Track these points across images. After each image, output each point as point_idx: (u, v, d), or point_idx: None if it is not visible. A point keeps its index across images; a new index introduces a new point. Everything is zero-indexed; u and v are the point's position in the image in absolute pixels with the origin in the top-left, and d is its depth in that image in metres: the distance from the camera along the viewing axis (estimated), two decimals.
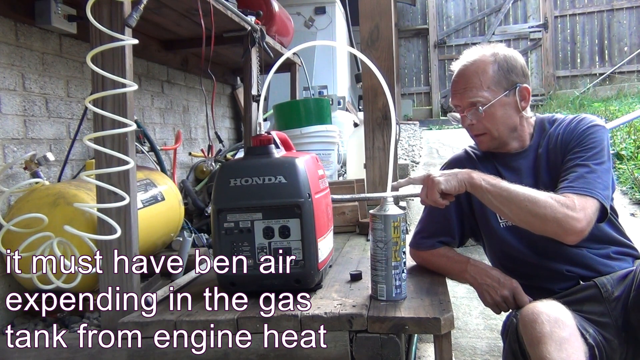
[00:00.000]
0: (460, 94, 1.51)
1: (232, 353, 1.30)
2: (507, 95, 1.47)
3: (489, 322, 2.27)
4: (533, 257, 1.47)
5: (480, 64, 1.49)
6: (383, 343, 1.26)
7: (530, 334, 1.17)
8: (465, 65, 1.52)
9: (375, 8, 2.50)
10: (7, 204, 1.68)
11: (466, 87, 1.49)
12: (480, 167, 1.55)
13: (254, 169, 1.42)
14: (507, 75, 1.48)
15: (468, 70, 1.50)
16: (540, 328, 1.15)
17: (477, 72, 1.48)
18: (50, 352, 1.36)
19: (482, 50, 1.53)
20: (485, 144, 1.54)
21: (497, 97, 1.47)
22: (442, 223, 1.61)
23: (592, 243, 1.43)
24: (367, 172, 2.53)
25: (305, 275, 1.42)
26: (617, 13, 8.52)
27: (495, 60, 1.48)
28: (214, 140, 3.00)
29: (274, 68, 1.48)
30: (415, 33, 9.41)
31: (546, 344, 1.13)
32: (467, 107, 1.50)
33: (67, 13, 1.88)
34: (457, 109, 1.55)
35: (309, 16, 5.10)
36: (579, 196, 1.32)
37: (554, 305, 1.22)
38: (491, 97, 1.46)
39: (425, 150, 6.00)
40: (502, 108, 1.47)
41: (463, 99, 1.50)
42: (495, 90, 1.47)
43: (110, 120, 1.39)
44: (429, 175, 1.37)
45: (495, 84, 1.47)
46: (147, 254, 1.89)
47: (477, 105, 1.47)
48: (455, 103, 1.55)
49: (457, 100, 1.53)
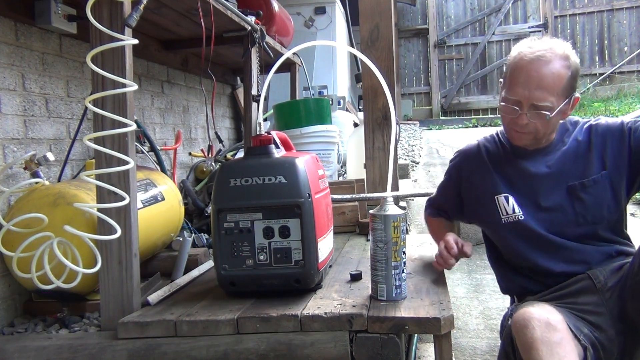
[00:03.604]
0: (529, 90, 1.40)
1: (232, 353, 1.30)
2: (565, 104, 1.43)
3: (489, 322, 2.27)
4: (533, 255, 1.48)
5: (559, 66, 1.40)
6: (383, 343, 1.26)
7: (522, 339, 1.19)
8: (542, 60, 1.40)
9: (375, 8, 2.50)
10: (7, 204, 1.68)
11: (539, 86, 1.39)
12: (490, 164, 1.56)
13: (254, 169, 1.42)
14: (573, 84, 1.44)
15: (546, 68, 1.39)
16: (532, 333, 1.17)
17: (554, 75, 1.40)
18: (50, 352, 1.37)
19: (556, 49, 1.42)
20: (524, 141, 1.49)
21: (560, 106, 1.41)
22: (445, 201, 1.74)
23: (599, 241, 1.45)
24: (367, 172, 2.53)
25: (305, 275, 1.42)
26: (617, 13, 8.52)
27: (569, 66, 1.41)
28: (214, 140, 3.00)
29: (274, 68, 1.49)
30: (415, 33, 9.40)
31: (538, 348, 1.15)
32: (529, 105, 1.41)
33: (67, 13, 1.88)
34: (513, 102, 1.43)
35: (309, 16, 5.10)
36: None
37: (545, 309, 1.23)
38: (556, 105, 1.41)
39: (425, 150, 6.00)
40: (558, 115, 1.43)
41: (531, 96, 1.40)
42: (560, 97, 1.41)
43: (110, 120, 1.39)
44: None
45: (563, 91, 1.41)
46: (147, 254, 1.89)
47: (543, 109, 1.40)
48: (515, 96, 1.42)
49: (522, 94, 1.41)
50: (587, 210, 1.45)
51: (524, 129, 1.45)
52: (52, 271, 1.40)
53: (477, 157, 1.61)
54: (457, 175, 1.67)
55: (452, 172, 1.70)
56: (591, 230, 1.45)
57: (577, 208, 1.45)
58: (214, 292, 1.55)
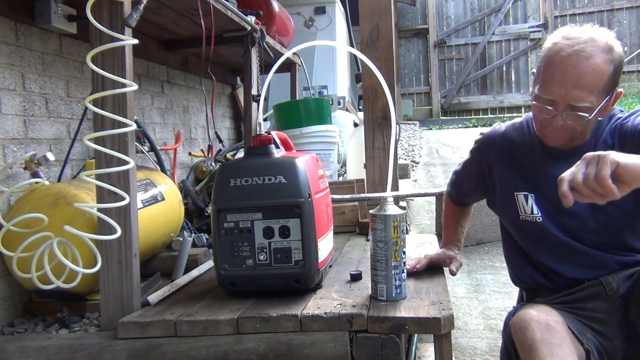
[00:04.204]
0: (565, 90, 1.25)
1: (232, 353, 1.30)
2: (607, 101, 1.28)
3: (489, 322, 2.27)
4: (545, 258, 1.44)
5: (600, 61, 1.24)
6: (383, 343, 1.26)
7: (521, 340, 1.18)
8: (582, 55, 1.24)
9: (375, 8, 2.50)
10: (7, 204, 1.68)
11: (577, 85, 1.24)
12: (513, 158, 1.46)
13: (254, 169, 1.42)
14: (615, 79, 1.28)
15: (586, 65, 1.24)
16: (531, 335, 1.16)
17: (595, 71, 1.24)
18: (50, 352, 1.36)
19: (597, 39, 1.26)
20: (558, 142, 1.35)
21: (600, 105, 1.26)
22: (467, 185, 1.65)
23: (618, 250, 1.38)
24: (367, 172, 2.53)
25: (305, 275, 1.42)
26: (617, 13, 8.52)
27: (612, 61, 1.26)
28: (214, 140, 3.00)
29: (274, 68, 1.49)
30: (415, 33, 9.40)
31: (537, 350, 1.13)
32: (565, 105, 1.26)
33: (67, 13, 1.88)
34: (547, 101, 1.29)
35: (309, 16, 5.10)
36: None
37: (545, 310, 1.21)
38: (596, 104, 1.26)
39: (425, 150, 6.00)
40: (597, 114, 1.29)
41: (568, 96, 1.25)
42: (601, 95, 1.26)
43: (110, 120, 1.39)
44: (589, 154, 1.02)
45: (605, 89, 1.26)
46: (147, 254, 1.89)
47: (582, 110, 1.25)
48: (550, 95, 1.27)
49: (558, 93, 1.26)
50: (609, 221, 1.36)
51: (558, 130, 1.31)
52: (52, 271, 1.40)
53: (501, 146, 1.50)
54: (479, 161, 1.56)
55: (475, 156, 1.58)
56: (611, 239, 1.38)
57: (598, 217, 1.36)
58: (214, 292, 1.55)
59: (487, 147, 1.54)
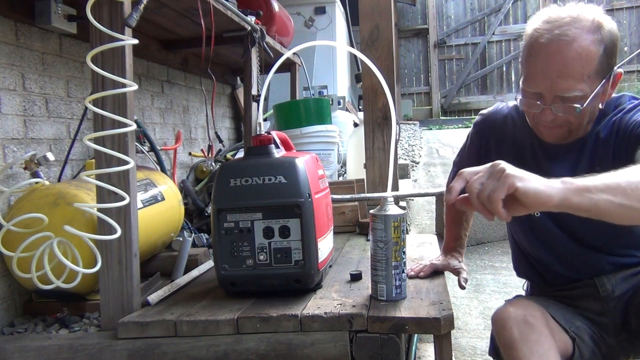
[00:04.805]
0: (550, 81, 1.12)
1: (232, 353, 1.30)
2: (602, 86, 1.14)
3: (489, 322, 2.27)
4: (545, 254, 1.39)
5: (586, 43, 1.10)
6: (383, 343, 1.26)
7: (502, 340, 1.16)
8: (564, 40, 1.11)
9: (375, 8, 2.50)
10: (7, 204, 1.68)
11: (561, 74, 1.11)
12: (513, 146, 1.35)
13: (254, 169, 1.42)
14: (610, 60, 1.14)
15: (570, 50, 1.10)
16: (510, 333, 1.14)
17: (581, 56, 1.10)
18: (50, 352, 1.36)
19: (582, 17, 1.13)
20: (555, 137, 1.23)
21: (595, 90, 1.13)
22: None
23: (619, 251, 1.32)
24: (367, 172, 2.53)
25: (305, 275, 1.42)
26: (617, 13, 8.52)
27: (601, 40, 1.12)
28: (214, 140, 3.00)
29: (274, 68, 1.48)
30: (415, 33, 9.41)
31: (517, 349, 1.12)
32: (553, 97, 1.14)
33: (67, 13, 1.88)
34: (533, 95, 1.17)
35: (309, 16, 5.10)
36: None
37: (522, 306, 1.19)
38: (589, 91, 1.13)
39: (425, 150, 6.01)
40: (593, 101, 1.15)
41: (553, 88, 1.13)
42: (594, 80, 1.13)
43: (110, 120, 1.39)
44: (499, 164, 0.91)
45: (597, 72, 1.12)
46: (147, 254, 1.89)
47: (572, 101, 1.13)
48: (535, 88, 1.16)
49: (542, 87, 1.14)
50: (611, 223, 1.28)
51: (552, 124, 1.19)
52: (52, 271, 1.40)
53: (503, 129, 1.38)
54: (479, 145, 1.45)
55: (474, 140, 1.47)
56: (612, 241, 1.30)
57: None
58: (214, 292, 1.55)
59: (487, 128, 1.42)
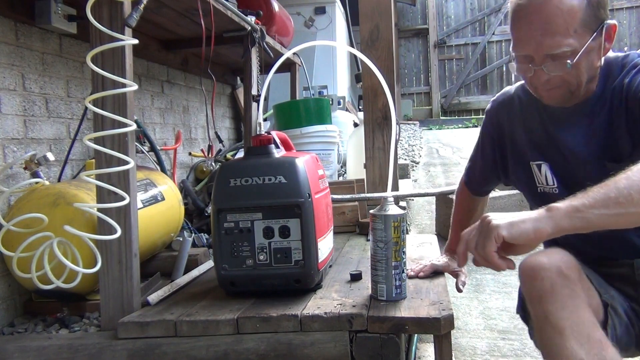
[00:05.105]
0: (535, 41, 1.12)
1: (232, 353, 1.30)
2: (594, 39, 1.12)
3: (489, 322, 2.27)
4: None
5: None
6: (383, 343, 1.26)
7: (529, 291, 1.04)
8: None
9: (375, 8, 2.50)
10: (7, 204, 1.68)
11: (545, 32, 1.11)
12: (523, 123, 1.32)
13: (254, 169, 1.42)
14: (597, 12, 1.12)
15: (547, 7, 1.10)
16: (540, 285, 1.01)
17: (562, 10, 1.10)
18: (50, 352, 1.37)
19: None
20: (556, 99, 1.20)
21: (585, 44, 1.11)
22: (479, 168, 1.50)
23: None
24: (367, 172, 2.53)
25: (305, 275, 1.42)
26: (617, 13, 8.52)
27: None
28: (214, 140, 3.00)
29: (274, 68, 1.49)
30: (415, 33, 9.41)
31: (547, 302, 0.99)
32: (542, 57, 1.13)
33: (67, 13, 1.88)
34: (523, 58, 1.17)
35: (309, 16, 5.10)
36: None
37: (556, 255, 1.05)
38: (578, 45, 1.11)
39: (425, 150, 6.01)
40: (587, 56, 1.13)
41: (540, 48, 1.12)
42: (582, 34, 1.11)
43: (110, 120, 1.39)
44: (486, 217, 0.97)
45: (583, 25, 1.11)
46: (147, 254, 1.89)
47: (562, 57, 1.11)
48: (523, 51, 1.16)
49: (529, 48, 1.14)
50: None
51: (547, 86, 1.17)
52: (52, 271, 1.40)
53: (510, 108, 1.36)
54: (492, 129, 1.42)
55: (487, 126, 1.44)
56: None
57: None
58: (214, 292, 1.55)
59: (498, 109, 1.40)
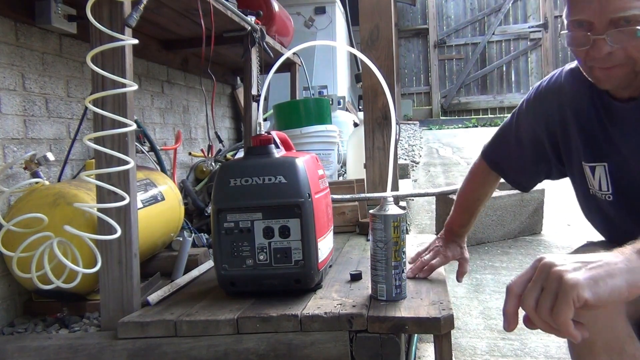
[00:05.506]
0: (598, 1, 0.93)
1: (232, 353, 1.30)
2: None
3: (489, 322, 2.27)
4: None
5: None
6: (383, 343, 1.26)
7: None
8: None
9: (375, 8, 2.50)
10: (7, 204, 1.68)
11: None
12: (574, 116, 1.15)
13: (254, 169, 1.42)
14: None
15: None
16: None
17: None
18: (50, 352, 1.36)
19: None
20: (615, 80, 1.01)
21: None
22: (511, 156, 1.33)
23: None
24: (367, 172, 2.53)
25: (305, 275, 1.42)
26: None
27: None
28: (214, 140, 3.00)
29: (274, 68, 1.48)
30: (415, 33, 9.42)
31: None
32: (606, 23, 0.94)
33: (67, 13, 1.88)
34: (579, 25, 0.98)
35: (309, 16, 5.10)
36: None
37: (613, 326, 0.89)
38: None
39: (425, 150, 6.01)
40: None
41: (604, 10, 0.93)
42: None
43: (110, 120, 1.39)
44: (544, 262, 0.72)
45: None
46: (147, 254, 1.89)
47: (631, 21, 0.92)
48: (581, 15, 0.96)
49: (590, 11, 0.95)
50: None
51: (608, 62, 0.97)
52: (52, 271, 1.40)
53: (563, 98, 1.18)
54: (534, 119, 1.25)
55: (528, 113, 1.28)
56: None
57: None
58: (214, 292, 1.55)
59: (547, 98, 1.22)
